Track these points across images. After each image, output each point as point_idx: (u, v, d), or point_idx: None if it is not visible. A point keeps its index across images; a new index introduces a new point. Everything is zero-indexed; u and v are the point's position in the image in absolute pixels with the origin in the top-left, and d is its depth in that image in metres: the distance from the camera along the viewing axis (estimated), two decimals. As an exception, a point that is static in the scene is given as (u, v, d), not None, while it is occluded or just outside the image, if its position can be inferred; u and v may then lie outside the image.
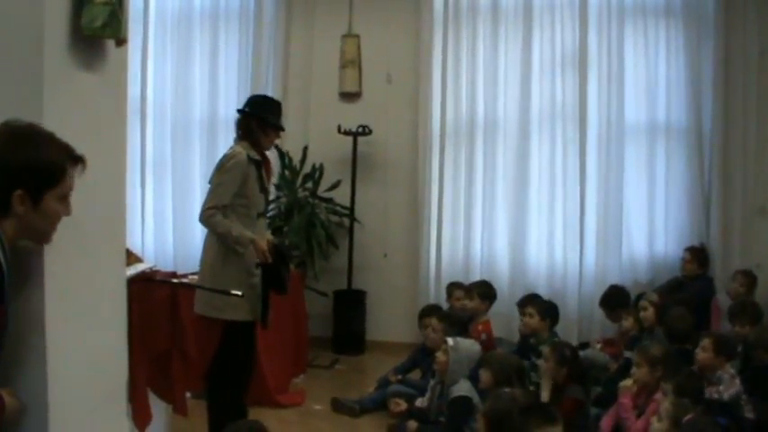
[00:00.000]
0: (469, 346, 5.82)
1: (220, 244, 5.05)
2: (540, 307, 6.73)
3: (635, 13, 8.04)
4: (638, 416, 5.06)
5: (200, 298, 5.09)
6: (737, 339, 5.78)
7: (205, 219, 4.99)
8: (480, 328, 6.83)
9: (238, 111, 5.29)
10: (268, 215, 5.94)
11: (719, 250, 7.90)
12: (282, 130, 5.33)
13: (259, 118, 5.14)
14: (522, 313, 6.78)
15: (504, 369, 5.23)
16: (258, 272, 5.08)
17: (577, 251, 8.06)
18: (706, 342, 5.32)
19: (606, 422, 5.30)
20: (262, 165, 5.15)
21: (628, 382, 5.23)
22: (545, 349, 5.62)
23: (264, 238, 5.18)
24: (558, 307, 6.97)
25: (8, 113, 2.85)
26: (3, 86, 2.89)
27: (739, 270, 7.36)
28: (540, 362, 5.63)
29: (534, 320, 6.63)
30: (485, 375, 5.28)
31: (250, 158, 5.04)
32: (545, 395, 5.39)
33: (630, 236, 8.11)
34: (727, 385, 5.13)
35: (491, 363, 5.32)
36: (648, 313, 6.50)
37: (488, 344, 6.55)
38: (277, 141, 5.55)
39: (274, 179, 7.08)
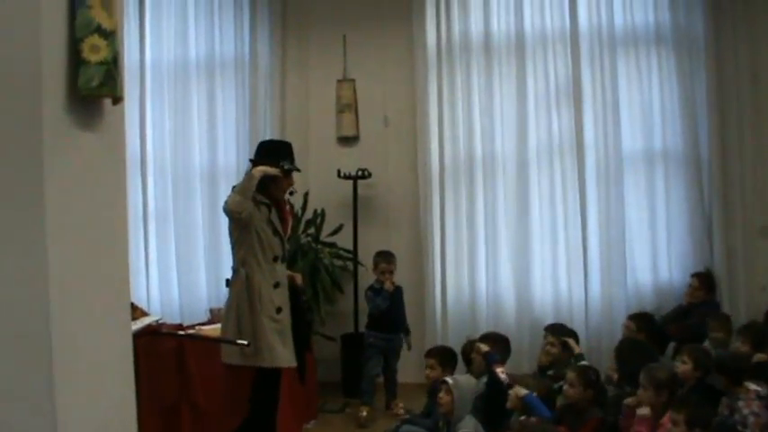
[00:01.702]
0: (468, 380, 5.81)
1: (242, 292, 5.10)
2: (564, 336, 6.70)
3: (626, 42, 8.10)
4: None
5: (224, 347, 5.12)
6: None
7: (228, 207, 5.05)
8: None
9: (250, 160, 5.40)
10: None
11: (724, 274, 7.88)
12: (294, 171, 5.41)
13: (274, 165, 5.22)
14: (546, 341, 6.73)
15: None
16: (281, 316, 5.17)
17: (582, 283, 8.06)
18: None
19: None
20: (271, 208, 5.22)
21: (642, 411, 5.16)
22: (570, 375, 5.54)
23: (285, 279, 5.35)
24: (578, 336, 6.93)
25: (9, 175, 2.89)
26: (3, 148, 2.92)
27: None
28: (565, 387, 5.57)
29: (556, 349, 6.60)
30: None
31: (255, 200, 5.11)
32: None
33: (634, 264, 8.10)
34: (745, 412, 5.09)
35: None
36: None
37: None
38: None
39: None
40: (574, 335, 6.85)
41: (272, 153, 5.34)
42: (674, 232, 8.12)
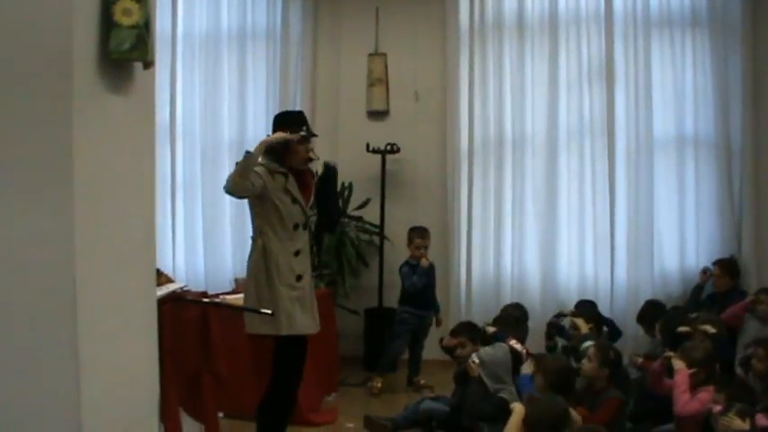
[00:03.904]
0: (492, 351, 5.77)
1: (259, 262, 5.04)
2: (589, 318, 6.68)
3: (661, 24, 8.02)
4: None
5: (247, 318, 5.08)
6: None
7: (228, 187, 4.89)
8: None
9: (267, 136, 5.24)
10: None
11: (753, 262, 7.83)
12: (307, 138, 5.18)
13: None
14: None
15: (557, 373, 5.20)
16: (301, 284, 5.09)
17: (608, 266, 8.03)
18: (760, 352, 5.30)
19: None
20: (288, 176, 5.09)
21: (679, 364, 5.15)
22: (591, 349, 5.52)
23: (307, 246, 5.23)
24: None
25: (39, 136, 2.90)
26: (34, 110, 2.93)
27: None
28: (584, 361, 5.55)
29: (575, 331, 6.58)
30: (538, 380, 5.25)
31: (272, 170, 5.03)
32: None
33: (661, 249, 8.07)
34: None
35: (545, 368, 5.26)
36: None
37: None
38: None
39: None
40: (596, 314, 6.85)
41: (284, 124, 5.20)
42: (703, 218, 8.07)
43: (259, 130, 7.91)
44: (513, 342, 5.88)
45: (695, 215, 8.07)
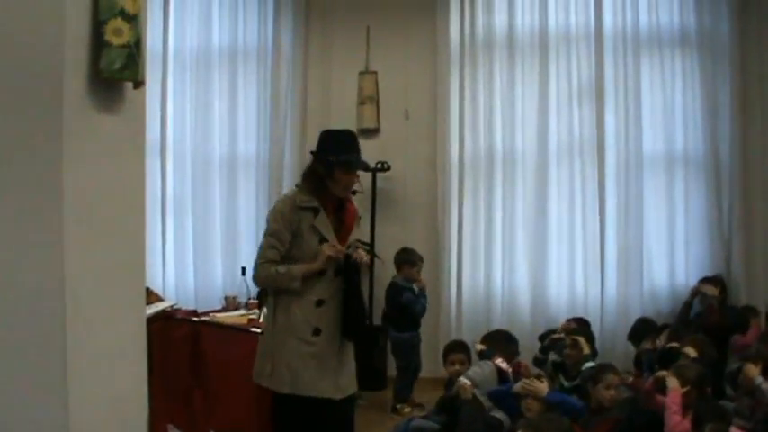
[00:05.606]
0: (480, 372, 5.78)
1: (270, 307, 4.53)
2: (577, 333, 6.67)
3: (650, 43, 8.06)
4: None
5: (255, 366, 4.55)
6: None
7: (256, 282, 4.56)
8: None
9: (312, 153, 4.61)
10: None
11: (742, 279, 7.85)
12: (354, 168, 4.52)
13: (323, 159, 4.47)
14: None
15: None
16: (318, 339, 4.43)
17: (598, 283, 8.03)
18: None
19: None
20: (318, 212, 4.43)
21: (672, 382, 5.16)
22: (615, 378, 5.53)
23: (338, 297, 4.53)
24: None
25: (29, 155, 2.90)
26: (24, 128, 2.94)
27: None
28: (613, 392, 5.55)
29: (574, 351, 6.56)
30: None
31: (299, 206, 4.41)
32: None
33: (651, 267, 8.07)
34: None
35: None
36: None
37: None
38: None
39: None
40: (589, 332, 6.84)
41: (331, 148, 4.49)
42: (693, 236, 8.08)
43: (249, 148, 7.97)
44: (498, 361, 5.89)
45: (685, 232, 8.09)
